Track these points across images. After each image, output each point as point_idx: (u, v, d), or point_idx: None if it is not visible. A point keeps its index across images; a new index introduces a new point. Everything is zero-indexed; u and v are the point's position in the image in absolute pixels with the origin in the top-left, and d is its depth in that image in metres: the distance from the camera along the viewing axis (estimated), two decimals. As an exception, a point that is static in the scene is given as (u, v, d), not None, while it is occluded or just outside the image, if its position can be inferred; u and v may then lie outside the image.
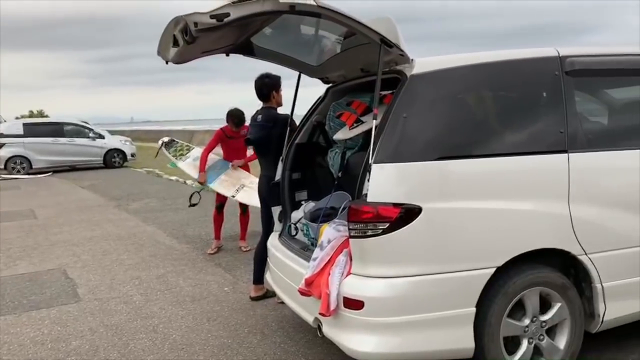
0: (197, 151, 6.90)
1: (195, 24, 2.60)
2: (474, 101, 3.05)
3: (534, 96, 3.07)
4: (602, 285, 3.00)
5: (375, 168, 2.70)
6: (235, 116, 6.23)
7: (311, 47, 3.64)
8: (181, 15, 2.64)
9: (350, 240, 2.80)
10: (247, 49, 3.54)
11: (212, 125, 36.52)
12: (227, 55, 3.53)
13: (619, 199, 3.07)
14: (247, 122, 5.71)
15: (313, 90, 4.29)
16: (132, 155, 19.46)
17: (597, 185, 3.03)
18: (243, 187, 6.38)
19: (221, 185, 6.38)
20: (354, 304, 2.74)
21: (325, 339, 3.01)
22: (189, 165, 6.77)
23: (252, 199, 5.76)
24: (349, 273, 2.84)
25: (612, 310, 3.04)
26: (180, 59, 3.28)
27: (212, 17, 2.56)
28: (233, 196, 6.29)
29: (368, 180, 2.71)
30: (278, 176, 4.10)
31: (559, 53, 3.09)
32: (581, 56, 3.15)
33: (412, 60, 2.93)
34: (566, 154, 2.94)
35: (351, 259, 2.85)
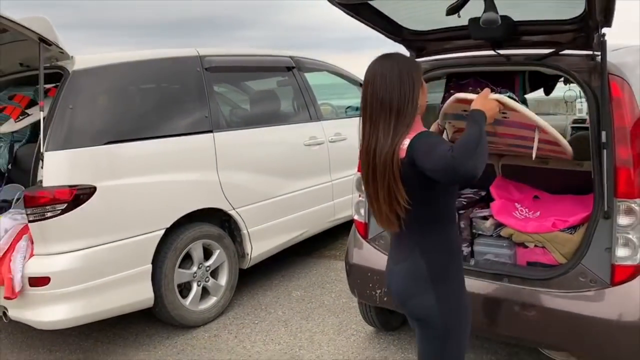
0: None
1: None
2: (133, 93, 3.57)
3: (183, 88, 3.77)
4: (247, 231, 3.93)
5: (48, 156, 2.97)
6: None
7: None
8: None
9: (30, 224, 3.01)
10: None
11: None
12: None
13: (254, 164, 4.03)
14: None
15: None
16: None
17: (237, 156, 3.92)
18: None
19: None
20: (40, 282, 2.99)
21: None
22: None
23: None
24: (31, 255, 3.06)
25: (256, 249, 4.02)
26: None
27: None
28: None
29: (42, 168, 2.97)
30: None
31: (198, 53, 3.86)
32: (217, 56, 3.99)
33: (72, 57, 3.26)
34: (212, 134, 3.74)
35: (32, 243, 3.06)
